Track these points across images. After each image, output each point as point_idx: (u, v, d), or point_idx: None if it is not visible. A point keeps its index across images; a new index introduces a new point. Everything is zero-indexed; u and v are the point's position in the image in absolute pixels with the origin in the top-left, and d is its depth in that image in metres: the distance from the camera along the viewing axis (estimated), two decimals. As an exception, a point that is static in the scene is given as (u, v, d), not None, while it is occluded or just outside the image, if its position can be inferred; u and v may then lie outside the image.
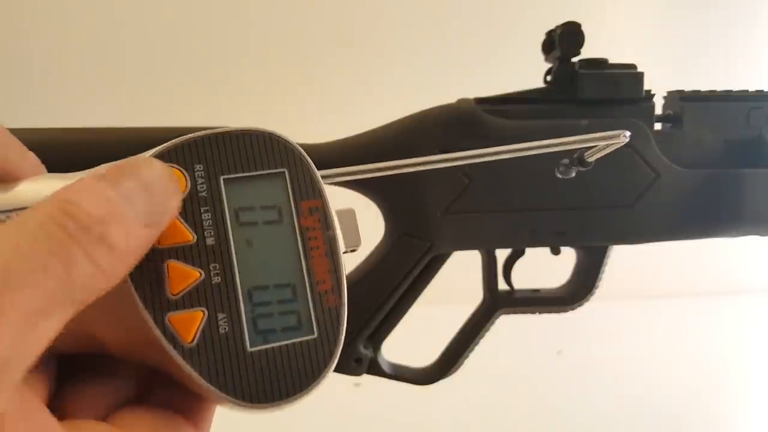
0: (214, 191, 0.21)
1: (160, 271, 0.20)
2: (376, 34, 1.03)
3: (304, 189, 0.22)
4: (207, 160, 0.21)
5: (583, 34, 0.45)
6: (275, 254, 0.21)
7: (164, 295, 0.19)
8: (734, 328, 0.98)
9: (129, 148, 0.42)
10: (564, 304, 0.49)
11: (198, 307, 0.20)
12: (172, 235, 0.20)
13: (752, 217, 0.47)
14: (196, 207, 0.21)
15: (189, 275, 0.20)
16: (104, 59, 0.99)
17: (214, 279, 0.20)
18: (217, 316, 0.20)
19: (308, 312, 0.21)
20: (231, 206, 0.21)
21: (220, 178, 0.21)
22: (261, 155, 0.22)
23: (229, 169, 0.21)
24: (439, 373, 0.49)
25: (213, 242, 0.20)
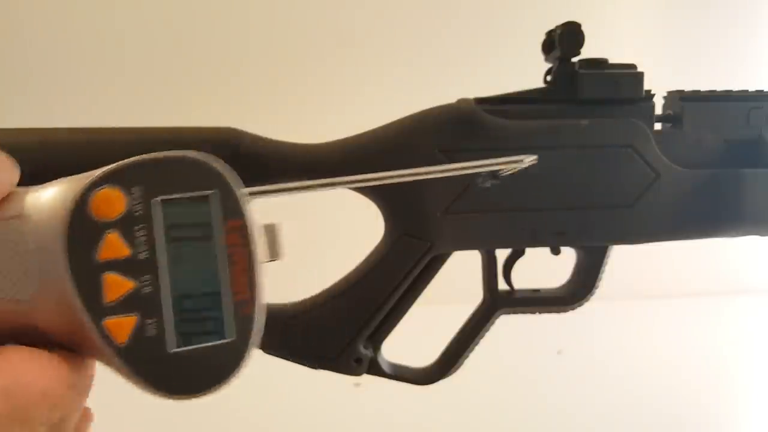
0: (149, 211, 0.24)
1: (98, 281, 0.23)
2: (376, 34, 1.03)
3: (230, 209, 0.25)
4: (145, 183, 0.24)
5: (583, 34, 0.45)
6: (200, 268, 0.24)
7: (101, 302, 0.23)
8: (734, 328, 0.98)
9: (129, 148, 0.42)
10: (564, 304, 0.49)
11: (130, 313, 0.23)
12: (111, 252, 0.23)
13: (752, 217, 0.47)
14: (131, 225, 0.23)
15: (123, 285, 0.23)
16: (104, 59, 0.99)
17: (145, 289, 0.23)
18: (146, 321, 0.23)
19: (226, 317, 0.24)
20: (163, 224, 0.24)
21: (154, 199, 0.24)
22: (193, 178, 0.25)
23: (164, 191, 0.24)
24: (439, 373, 0.49)
25: (146, 256, 0.23)
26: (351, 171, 0.45)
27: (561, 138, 0.45)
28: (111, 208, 0.23)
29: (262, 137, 0.44)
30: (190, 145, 0.42)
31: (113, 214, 0.23)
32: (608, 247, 0.48)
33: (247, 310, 0.24)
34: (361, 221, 0.51)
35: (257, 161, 0.43)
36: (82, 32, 0.99)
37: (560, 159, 0.45)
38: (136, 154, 0.43)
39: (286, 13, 1.02)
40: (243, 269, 0.25)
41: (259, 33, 1.02)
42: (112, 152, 0.42)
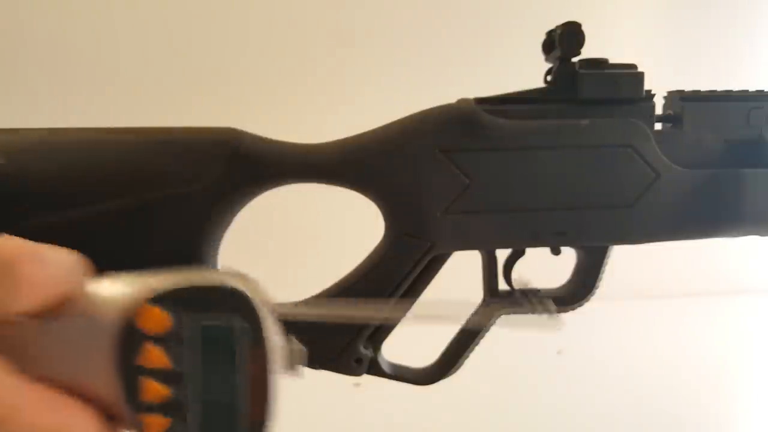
0: (189, 333, 0.28)
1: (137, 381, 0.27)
2: (376, 34, 1.03)
3: (257, 339, 0.28)
4: (187, 307, 0.28)
5: (583, 34, 0.45)
6: (227, 387, 0.28)
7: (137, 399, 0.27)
8: (734, 328, 0.98)
9: (128, 148, 0.42)
10: (564, 304, 0.49)
11: (164, 416, 0.27)
12: (151, 360, 0.27)
13: (752, 217, 0.47)
14: (174, 343, 0.27)
15: (160, 391, 0.27)
16: (103, 59, 0.99)
17: (178, 397, 0.27)
18: (175, 425, 0.27)
19: None
20: (198, 346, 0.28)
21: (194, 324, 0.28)
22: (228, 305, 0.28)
23: (202, 317, 0.28)
24: (439, 373, 0.49)
25: (180, 370, 0.28)
26: (351, 171, 0.45)
27: (561, 138, 0.45)
28: (157, 324, 0.27)
29: (261, 137, 0.44)
30: (189, 146, 0.42)
31: (159, 329, 0.27)
32: (608, 247, 0.48)
33: (259, 425, 0.29)
34: (361, 221, 0.51)
35: (257, 161, 0.43)
36: (81, 32, 0.99)
37: (560, 159, 0.45)
38: (136, 154, 0.43)
39: (285, 13, 1.02)
40: (262, 395, 0.28)
41: (258, 33, 1.02)
42: (112, 152, 0.42)
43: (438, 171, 0.44)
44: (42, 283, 0.27)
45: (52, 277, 0.27)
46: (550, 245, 0.47)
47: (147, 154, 0.42)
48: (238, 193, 0.43)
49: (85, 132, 0.42)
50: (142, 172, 0.41)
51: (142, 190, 0.41)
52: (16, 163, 0.39)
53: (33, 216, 0.39)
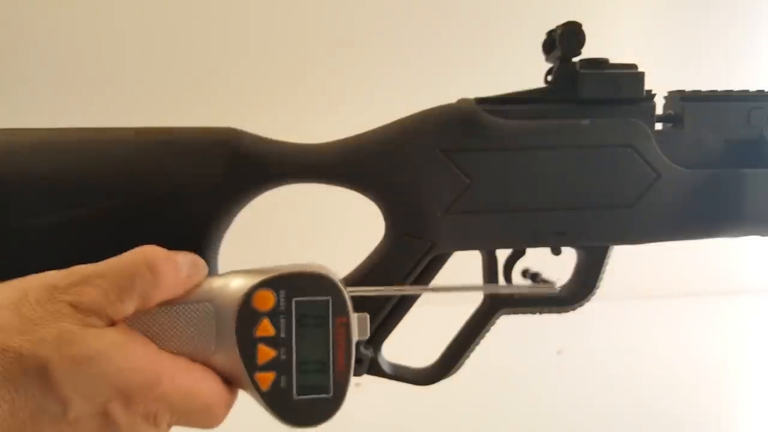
0: (288, 307, 0.36)
1: (255, 349, 0.36)
2: (376, 34, 1.03)
3: (338, 310, 0.37)
4: (287, 288, 0.36)
5: (583, 34, 0.45)
6: (317, 346, 0.37)
7: (255, 362, 0.36)
8: (734, 328, 0.98)
9: (129, 149, 0.42)
10: (565, 304, 0.49)
11: (271, 371, 0.36)
12: (263, 331, 0.36)
13: (753, 217, 0.47)
14: (278, 315, 0.36)
15: (269, 353, 0.36)
16: (104, 59, 0.99)
17: (282, 357, 0.36)
18: (281, 377, 0.36)
19: (329, 381, 0.37)
20: (297, 316, 0.36)
21: (292, 299, 0.36)
22: (318, 286, 0.37)
23: (299, 294, 0.36)
24: (440, 374, 0.49)
25: (284, 336, 0.36)
26: (351, 171, 0.45)
27: (561, 138, 0.45)
28: (266, 303, 0.36)
29: (261, 137, 0.44)
30: (189, 146, 0.42)
31: (267, 307, 0.36)
32: (609, 247, 0.48)
33: (343, 379, 0.37)
34: (361, 221, 0.51)
35: (257, 161, 0.43)
36: (81, 32, 0.99)
37: (561, 159, 0.45)
38: (136, 154, 0.43)
39: (285, 13, 1.02)
40: (343, 351, 0.37)
41: (259, 33, 1.02)
42: (112, 152, 0.42)
43: (438, 171, 0.44)
44: (176, 278, 0.35)
45: (183, 273, 0.35)
46: (551, 245, 0.47)
47: (147, 154, 0.42)
48: (238, 192, 0.43)
49: (85, 132, 0.42)
50: (142, 173, 0.41)
51: (142, 190, 0.41)
52: (16, 163, 0.39)
53: (33, 216, 0.39)
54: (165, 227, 0.41)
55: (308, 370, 0.36)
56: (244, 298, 0.35)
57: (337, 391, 0.37)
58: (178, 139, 0.43)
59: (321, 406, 0.37)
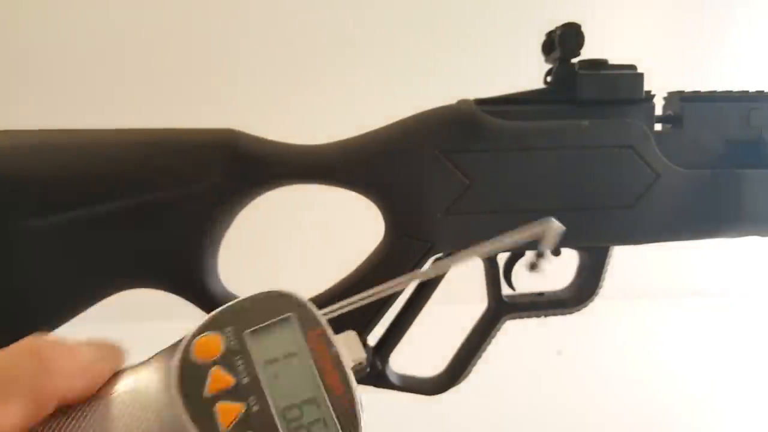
0: (242, 343, 0.28)
1: (213, 412, 0.26)
2: (376, 34, 1.03)
3: (308, 323, 0.29)
4: (233, 322, 0.28)
5: (583, 35, 0.45)
6: (297, 379, 0.28)
7: (218, 428, 0.26)
8: (734, 328, 0.98)
9: (129, 149, 0.42)
10: (568, 306, 0.49)
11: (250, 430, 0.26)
12: (219, 384, 0.27)
13: (752, 218, 0.47)
14: (231, 358, 0.27)
15: (234, 410, 0.27)
16: (104, 61, 0.99)
17: (254, 408, 0.27)
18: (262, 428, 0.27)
19: (331, 416, 0.27)
20: (255, 351, 0.28)
21: (244, 332, 0.28)
22: (271, 309, 0.29)
23: (249, 324, 0.28)
24: (448, 383, 0.49)
25: (247, 381, 0.27)
26: (351, 172, 0.45)
27: (561, 139, 0.45)
28: (210, 349, 0.28)
29: (260, 138, 0.44)
30: (189, 147, 0.42)
31: (213, 353, 0.28)
32: (609, 248, 0.48)
33: (345, 403, 0.28)
34: (361, 221, 0.51)
35: (257, 162, 0.43)
36: (81, 33, 0.99)
37: (560, 160, 0.45)
38: (136, 155, 0.43)
39: (286, 13, 1.02)
40: (332, 368, 0.28)
41: (259, 33, 1.02)
42: (112, 153, 0.42)
43: (438, 172, 0.44)
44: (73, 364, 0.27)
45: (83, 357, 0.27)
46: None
47: (147, 155, 0.42)
48: (237, 194, 0.43)
49: (85, 133, 0.42)
50: (142, 173, 0.41)
51: (142, 191, 0.41)
52: (16, 164, 0.39)
53: (33, 216, 0.39)
54: (165, 228, 0.41)
55: (296, 415, 0.27)
56: (183, 354, 0.27)
57: (344, 421, 0.28)
58: (178, 141, 0.43)
59: None
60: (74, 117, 0.47)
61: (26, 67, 0.98)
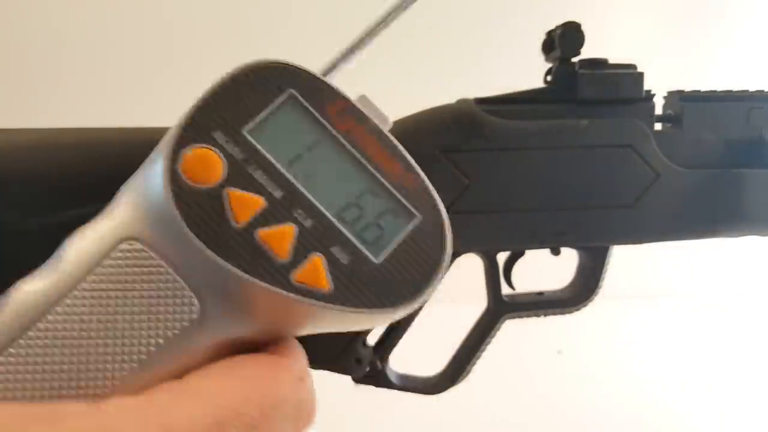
0: (248, 148, 0.21)
1: (258, 245, 0.20)
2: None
3: (320, 98, 0.22)
4: (220, 124, 0.21)
5: (583, 34, 0.45)
6: (338, 171, 0.21)
7: (277, 263, 0.20)
8: (734, 328, 0.98)
9: (129, 149, 0.42)
10: (568, 305, 0.49)
11: (312, 254, 0.20)
12: (246, 209, 0.20)
13: (752, 218, 0.47)
14: (244, 171, 0.20)
15: (284, 233, 0.20)
16: (103, 59, 0.99)
17: (306, 223, 0.21)
18: (332, 252, 0.20)
19: (398, 201, 0.22)
20: (271, 152, 0.21)
21: (242, 132, 0.21)
22: (261, 90, 0.22)
23: (245, 120, 0.21)
24: (448, 382, 0.49)
25: (281, 194, 0.21)
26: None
27: (561, 138, 0.45)
28: (209, 169, 0.20)
29: (261, 137, 0.44)
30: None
31: (216, 174, 0.20)
32: (609, 248, 0.48)
33: (411, 180, 0.22)
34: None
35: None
36: (81, 32, 0.99)
37: (560, 159, 0.45)
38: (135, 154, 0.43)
39: (285, 13, 1.02)
40: (376, 145, 0.22)
41: (258, 33, 1.02)
42: (112, 152, 0.42)
43: (437, 171, 0.44)
44: None
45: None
46: (550, 246, 0.47)
47: (147, 154, 0.42)
48: (237, 193, 0.42)
49: (85, 132, 0.42)
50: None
51: (142, 191, 0.41)
52: (15, 163, 0.39)
53: (32, 216, 0.39)
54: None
55: (356, 214, 0.21)
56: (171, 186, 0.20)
57: (419, 206, 0.22)
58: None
59: (422, 241, 0.22)
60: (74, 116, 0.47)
61: (26, 67, 0.98)
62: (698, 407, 0.76)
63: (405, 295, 0.21)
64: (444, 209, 0.23)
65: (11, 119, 0.41)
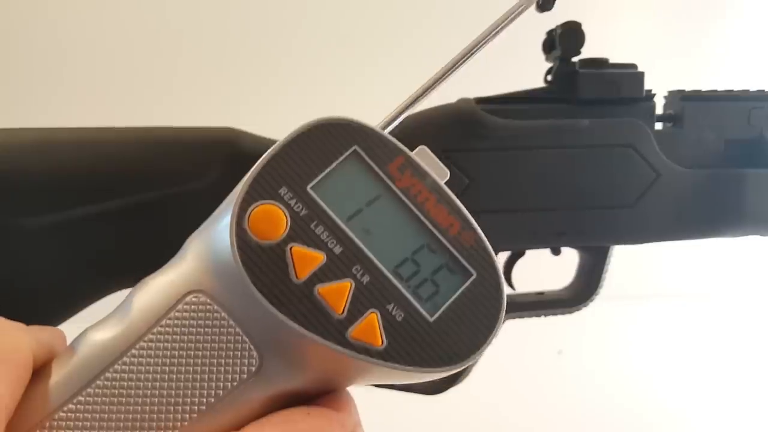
0: (311, 204, 0.21)
1: (316, 301, 0.21)
2: (376, 33, 1.03)
3: (381, 154, 0.22)
4: (286, 181, 0.22)
5: (583, 34, 0.45)
6: (396, 227, 0.22)
7: (334, 318, 0.20)
8: (734, 328, 0.98)
9: (128, 149, 0.42)
10: (569, 305, 0.49)
11: (368, 311, 0.21)
12: (307, 264, 0.21)
13: (753, 218, 0.47)
14: (306, 227, 0.21)
15: (341, 289, 0.21)
16: (103, 59, 0.99)
17: (363, 279, 0.21)
18: (387, 308, 0.21)
19: (455, 258, 0.22)
20: (332, 208, 0.22)
21: (307, 189, 0.22)
22: (326, 147, 0.22)
23: (309, 177, 0.22)
24: (448, 383, 0.49)
25: (341, 249, 0.21)
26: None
27: (561, 138, 0.45)
28: (273, 225, 0.21)
29: (261, 137, 0.44)
30: (188, 146, 0.42)
31: (280, 229, 0.21)
32: (609, 248, 0.48)
33: (469, 238, 0.23)
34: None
35: (256, 161, 0.43)
36: (81, 32, 0.99)
37: (560, 159, 0.45)
38: (135, 154, 0.43)
39: (285, 12, 1.02)
40: (435, 201, 0.22)
41: (258, 32, 1.02)
42: (111, 152, 0.42)
43: (438, 171, 0.44)
44: None
45: None
46: (551, 245, 0.47)
47: (147, 154, 0.42)
48: (237, 192, 0.42)
49: (84, 132, 0.42)
50: (142, 172, 0.41)
51: (142, 190, 0.41)
52: (16, 163, 0.39)
53: (32, 215, 0.39)
54: (164, 227, 0.41)
55: (412, 270, 0.21)
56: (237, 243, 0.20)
57: (475, 263, 0.22)
58: (177, 139, 0.42)
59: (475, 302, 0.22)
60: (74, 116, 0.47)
61: (26, 67, 0.98)
62: (698, 407, 0.76)
63: (457, 354, 0.22)
64: (500, 268, 0.23)
65: (11, 119, 0.41)
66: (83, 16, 0.99)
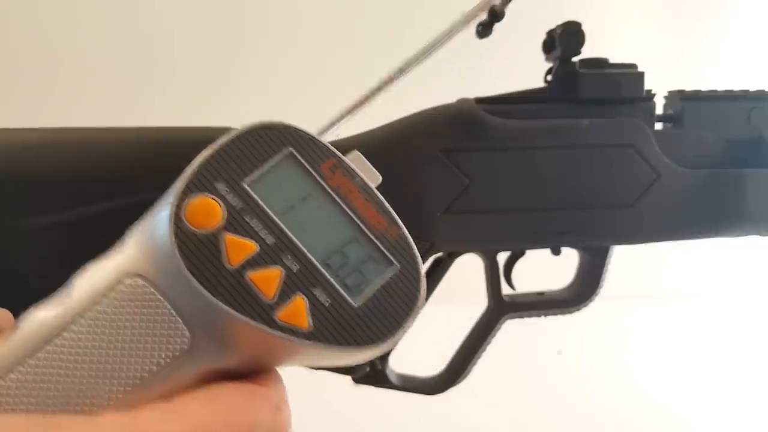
0: (247, 198, 0.24)
1: (247, 285, 0.22)
2: (376, 33, 1.03)
3: (315, 156, 0.25)
4: (223, 176, 0.24)
5: (583, 34, 0.45)
6: (326, 221, 0.24)
7: (263, 302, 0.22)
8: (735, 328, 0.98)
9: (129, 149, 0.42)
10: (569, 305, 0.49)
11: (296, 296, 0.23)
12: (239, 252, 0.23)
13: (753, 218, 0.47)
14: (241, 219, 0.23)
15: (272, 276, 0.23)
16: (103, 59, 0.99)
17: (293, 267, 0.23)
18: (314, 294, 0.23)
19: (380, 251, 0.24)
20: (266, 202, 0.24)
21: (243, 185, 0.24)
22: (262, 148, 0.25)
23: (245, 173, 0.24)
24: (448, 382, 0.49)
25: (273, 240, 0.23)
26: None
27: (561, 138, 0.45)
28: (209, 215, 0.23)
29: (261, 137, 0.44)
30: (188, 145, 0.42)
31: (215, 219, 0.23)
32: (610, 247, 0.48)
33: (393, 233, 0.25)
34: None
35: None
36: (81, 32, 0.99)
37: (560, 159, 0.45)
38: (136, 154, 0.43)
39: (285, 12, 1.02)
40: (363, 200, 0.25)
41: (258, 32, 1.02)
42: (111, 152, 0.42)
43: (438, 171, 0.44)
44: None
45: None
46: (551, 245, 0.47)
47: (147, 154, 0.42)
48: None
49: (85, 132, 0.42)
50: (142, 172, 0.41)
51: (142, 190, 0.41)
52: (16, 163, 0.39)
53: (32, 215, 0.39)
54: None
55: (341, 261, 0.24)
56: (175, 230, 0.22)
57: (399, 256, 0.24)
58: (177, 139, 0.42)
59: (395, 292, 0.24)
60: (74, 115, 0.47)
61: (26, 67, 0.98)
62: (698, 407, 0.76)
63: (378, 335, 0.23)
64: (420, 261, 0.25)
65: (11, 119, 0.41)
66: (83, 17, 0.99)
